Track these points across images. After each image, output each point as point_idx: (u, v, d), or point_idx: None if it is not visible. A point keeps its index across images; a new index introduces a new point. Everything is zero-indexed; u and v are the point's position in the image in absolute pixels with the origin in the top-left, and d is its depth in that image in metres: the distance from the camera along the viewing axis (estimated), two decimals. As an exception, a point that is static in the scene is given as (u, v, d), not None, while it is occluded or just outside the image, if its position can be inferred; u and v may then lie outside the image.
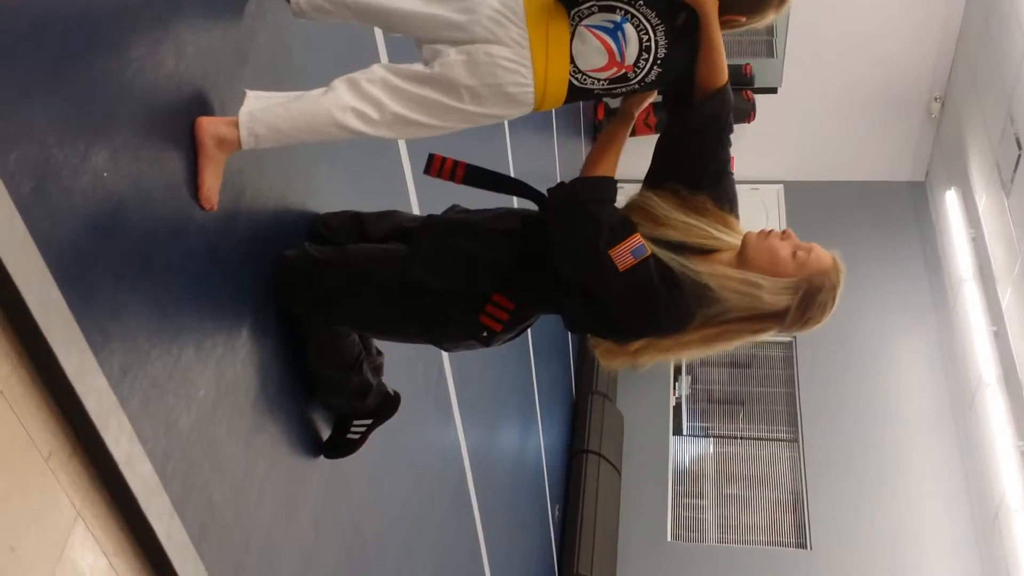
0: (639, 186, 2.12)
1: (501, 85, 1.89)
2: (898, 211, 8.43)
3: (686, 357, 2.05)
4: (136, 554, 1.70)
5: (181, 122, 1.78)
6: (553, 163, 6.67)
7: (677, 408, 7.91)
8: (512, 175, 5.03)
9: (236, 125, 1.82)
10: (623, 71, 1.95)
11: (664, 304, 1.91)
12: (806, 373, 7.78)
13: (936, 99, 8.13)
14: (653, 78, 1.99)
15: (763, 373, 8.12)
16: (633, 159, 2.66)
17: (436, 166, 2.09)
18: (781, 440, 7.71)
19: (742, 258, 1.98)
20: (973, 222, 7.14)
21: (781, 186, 8.76)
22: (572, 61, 1.92)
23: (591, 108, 8.48)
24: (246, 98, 1.86)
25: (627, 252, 1.89)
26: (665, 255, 1.94)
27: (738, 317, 1.96)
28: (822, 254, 2.00)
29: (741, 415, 7.99)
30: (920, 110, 8.28)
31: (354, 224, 2.30)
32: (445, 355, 3.65)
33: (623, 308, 1.93)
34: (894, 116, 8.34)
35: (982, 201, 6.94)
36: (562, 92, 1.96)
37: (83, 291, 1.48)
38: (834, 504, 7.04)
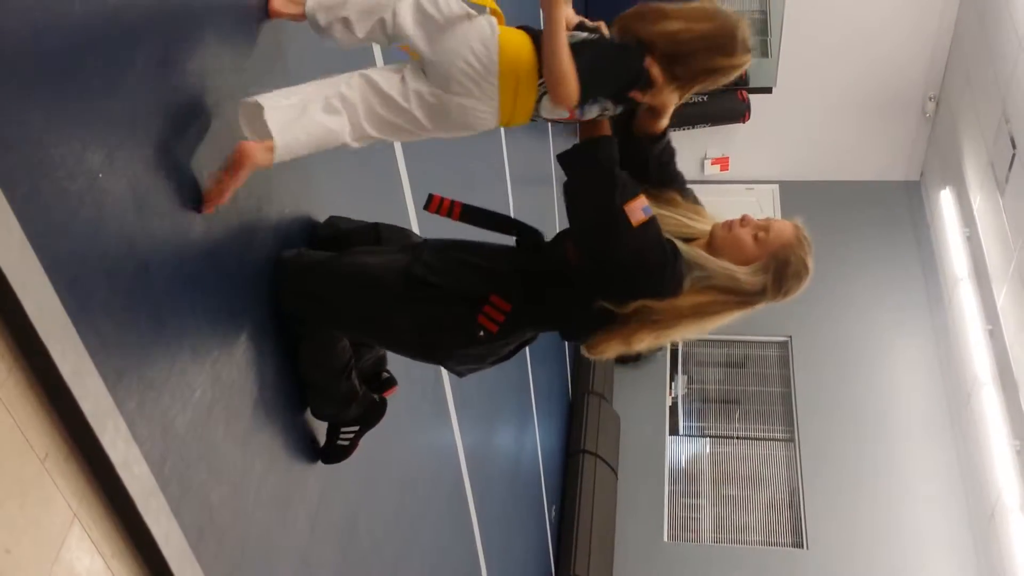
0: None
1: (469, 125, 2.04)
2: (893, 211, 8.45)
3: (678, 334, 2.08)
4: (133, 556, 1.70)
5: (178, 122, 1.78)
6: (548, 162, 6.67)
7: (673, 408, 7.91)
8: (508, 176, 5.05)
9: (271, 150, 1.89)
10: (580, 122, 2.10)
11: (670, 262, 1.99)
12: (802, 372, 7.79)
13: (931, 99, 8.14)
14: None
15: (759, 372, 8.13)
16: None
17: (435, 204, 2.23)
18: (777, 440, 7.72)
19: (712, 250, 2.09)
20: (968, 221, 7.16)
21: (776, 186, 8.77)
22: (536, 110, 2.06)
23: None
24: (266, 116, 1.87)
25: (639, 208, 1.96)
26: None
27: (725, 287, 2.05)
28: (781, 228, 2.09)
29: (737, 415, 8.00)
30: (915, 110, 8.29)
31: (370, 231, 2.38)
32: (441, 356, 3.65)
33: (634, 263, 1.98)
34: (889, 116, 8.36)
35: (977, 200, 6.95)
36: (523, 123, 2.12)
37: (80, 293, 1.48)
38: (830, 504, 7.05)
